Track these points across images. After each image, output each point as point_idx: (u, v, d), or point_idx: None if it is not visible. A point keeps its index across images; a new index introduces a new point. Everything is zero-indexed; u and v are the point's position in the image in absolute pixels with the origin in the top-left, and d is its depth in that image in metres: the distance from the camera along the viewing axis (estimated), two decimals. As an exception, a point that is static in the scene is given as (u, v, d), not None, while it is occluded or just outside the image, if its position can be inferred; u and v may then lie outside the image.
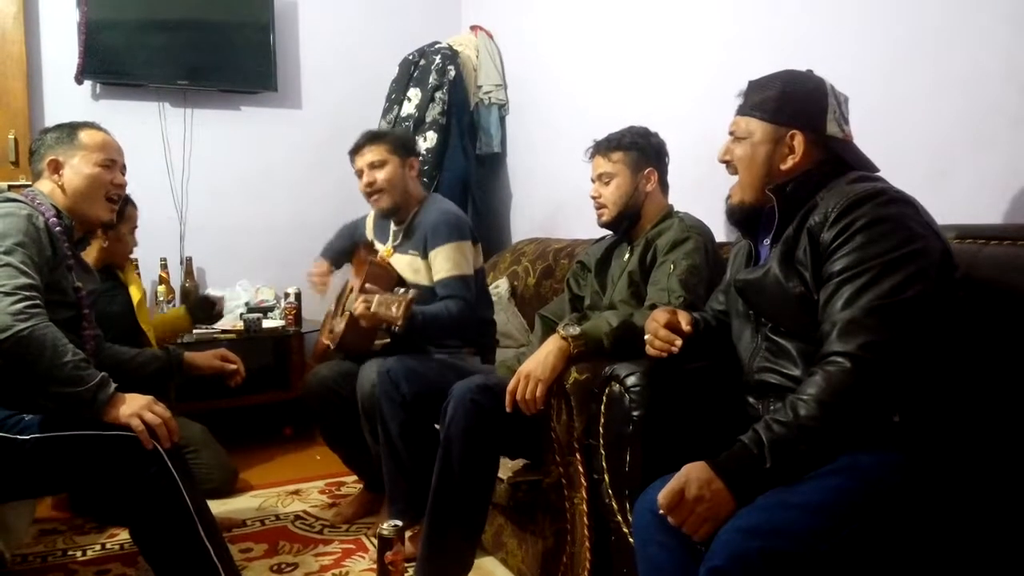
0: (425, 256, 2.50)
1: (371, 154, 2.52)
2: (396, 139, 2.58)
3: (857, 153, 1.48)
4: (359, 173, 2.55)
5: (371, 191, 2.53)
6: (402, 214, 2.60)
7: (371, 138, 2.56)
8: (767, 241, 1.51)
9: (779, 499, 1.22)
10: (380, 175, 2.51)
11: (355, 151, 2.57)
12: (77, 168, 1.89)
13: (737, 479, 1.27)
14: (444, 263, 2.46)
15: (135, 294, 2.75)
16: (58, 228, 1.82)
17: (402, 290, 2.30)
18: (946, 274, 1.32)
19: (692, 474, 1.29)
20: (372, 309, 2.19)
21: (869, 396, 1.26)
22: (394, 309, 2.16)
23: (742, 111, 1.53)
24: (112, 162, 1.94)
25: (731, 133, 1.54)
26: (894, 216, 1.32)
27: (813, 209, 1.39)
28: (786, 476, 1.25)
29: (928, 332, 1.28)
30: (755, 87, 1.52)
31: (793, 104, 1.46)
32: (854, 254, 1.30)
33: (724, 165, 1.56)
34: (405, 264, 2.54)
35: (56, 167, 1.89)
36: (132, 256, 2.90)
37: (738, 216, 1.55)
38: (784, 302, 1.41)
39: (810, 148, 1.45)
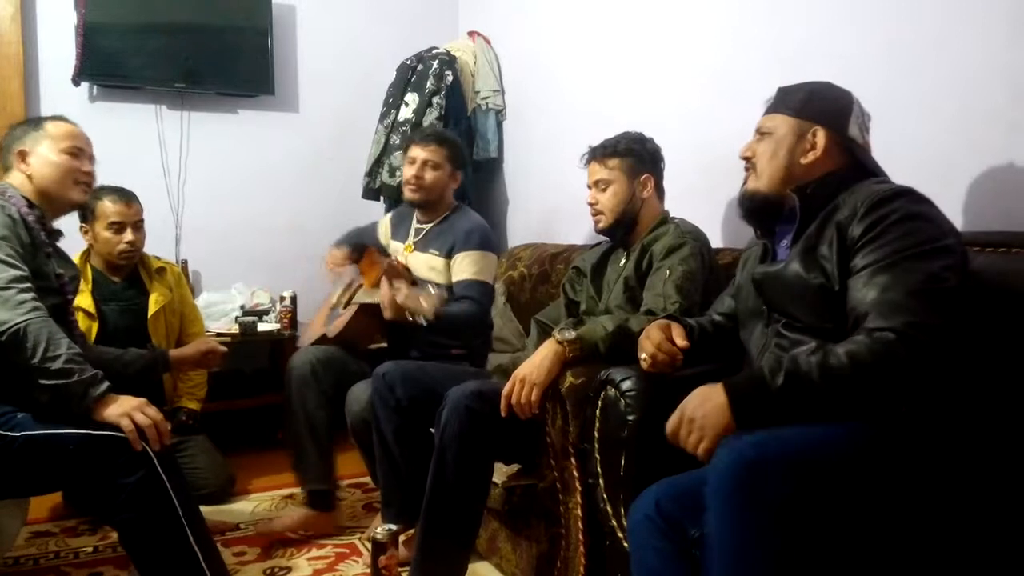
0: (448, 256, 2.55)
1: (433, 153, 2.60)
2: (457, 150, 2.67)
3: (875, 162, 1.52)
4: (411, 160, 2.61)
5: (414, 183, 2.60)
6: (430, 215, 2.67)
7: (440, 139, 2.66)
8: (785, 242, 1.53)
9: (779, 429, 1.22)
10: (429, 175, 2.60)
11: (420, 140, 2.64)
12: (44, 156, 1.90)
13: (740, 395, 1.27)
14: (471, 266, 2.52)
15: (154, 303, 2.73)
16: (31, 217, 1.83)
17: (430, 286, 2.32)
18: (965, 279, 1.33)
19: (696, 391, 1.30)
20: (400, 300, 2.20)
21: (905, 371, 1.24)
22: (423, 302, 2.19)
23: (770, 110, 1.57)
24: (79, 150, 1.95)
25: (757, 130, 1.57)
26: (926, 213, 1.34)
27: (836, 209, 1.41)
28: (790, 410, 1.24)
29: (954, 326, 1.27)
30: (784, 90, 1.57)
31: (819, 103, 1.51)
32: (889, 246, 1.31)
33: (744, 162, 1.59)
34: (422, 262, 2.58)
35: (24, 156, 1.91)
36: (168, 260, 2.93)
37: (748, 205, 1.56)
38: (803, 292, 1.42)
39: (831, 148, 1.49)
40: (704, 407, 1.29)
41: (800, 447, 1.18)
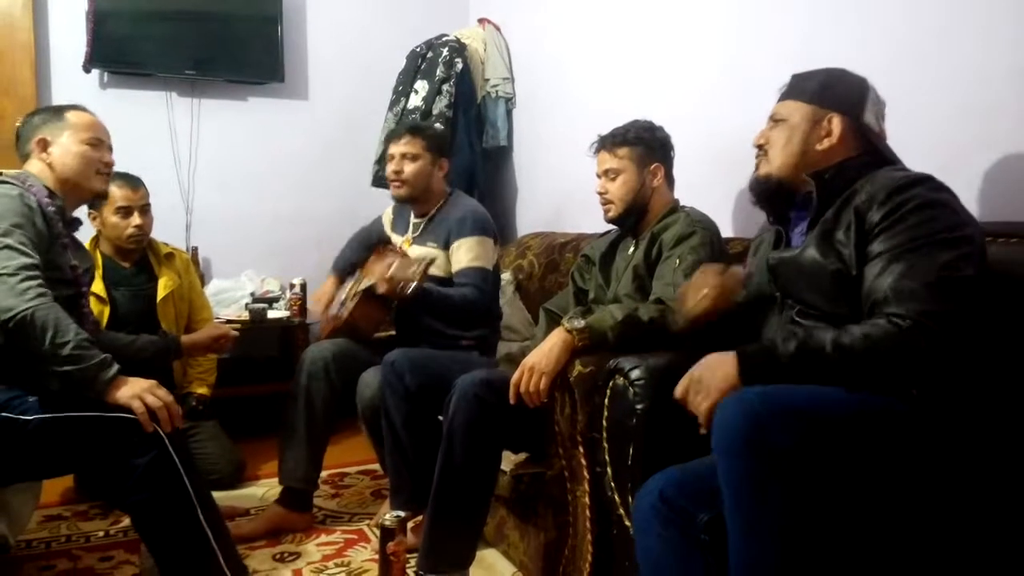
0: (445, 248, 2.54)
1: (407, 145, 2.57)
2: (434, 138, 2.63)
3: (891, 149, 1.51)
4: (391, 157, 2.61)
5: (395, 179, 2.59)
6: (424, 207, 2.65)
7: (412, 129, 2.63)
8: (800, 228, 1.52)
9: (787, 386, 1.23)
10: (409, 167, 2.57)
11: (394, 136, 2.63)
12: (66, 146, 1.91)
13: (750, 360, 1.29)
14: (466, 254, 2.50)
15: (163, 288, 2.75)
16: (51, 208, 1.83)
17: (421, 257, 2.32)
18: (984, 267, 1.33)
19: (707, 356, 1.32)
20: (390, 273, 2.20)
21: (919, 358, 1.25)
22: (411, 271, 2.19)
23: (784, 96, 1.56)
24: (99, 140, 1.95)
25: (771, 118, 1.56)
26: (945, 201, 1.34)
27: (853, 195, 1.41)
28: (799, 380, 1.25)
29: (972, 314, 1.28)
30: (799, 76, 1.56)
31: (834, 90, 1.51)
32: (907, 233, 1.31)
33: (756, 149, 1.59)
34: (421, 255, 2.54)
35: (44, 145, 1.91)
36: (177, 247, 2.95)
37: (759, 190, 1.56)
38: (819, 278, 1.42)
39: (847, 135, 1.48)
40: (712, 369, 1.30)
41: (806, 402, 1.19)
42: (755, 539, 1.15)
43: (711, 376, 1.31)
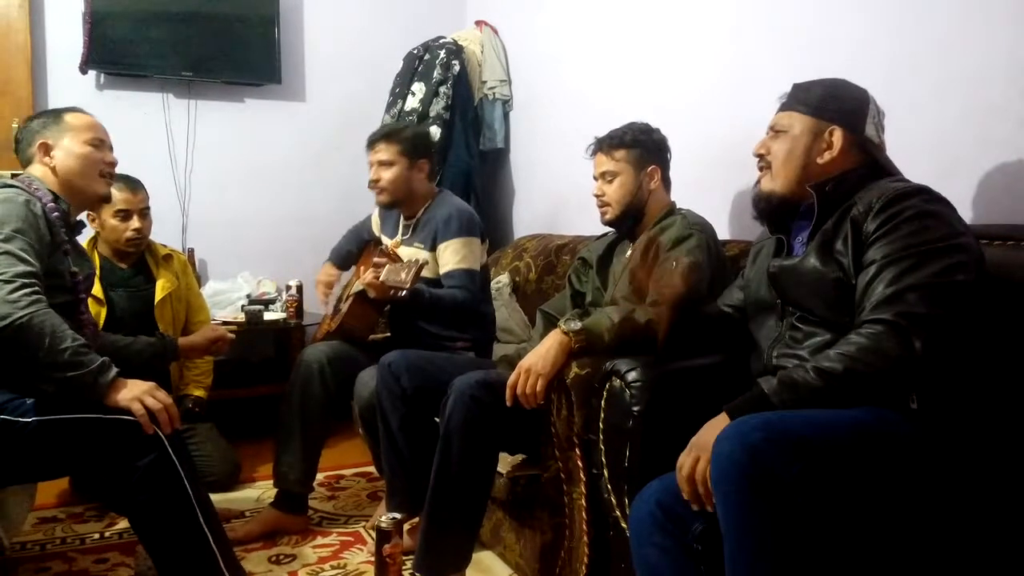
0: (432, 249, 2.53)
1: (382, 152, 2.57)
2: (409, 140, 2.59)
3: (890, 160, 1.51)
4: (369, 165, 2.61)
5: (374, 187, 2.60)
6: (410, 210, 2.65)
7: (386, 135, 2.60)
8: (802, 237, 1.53)
9: (784, 412, 1.23)
10: (385, 174, 2.56)
11: (370, 144, 2.62)
12: (68, 148, 1.90)
13: (738, 409, 1.29)
14: (453, 256, 2.50)
15: (160, 289, 2.74)
16: (55, 213, 1.83)
17: (412, 260, 2.32)
18: (981, 276, 1.34)
19: (701, 428, 1.31)
20: (382, 278, 2.21)
21: (896, 361, 1.25)
22: (403, 275, 2.19)
23: (785, 107, 1.56)
24: (100, 141, 1.95)
25: (771, 128, 1.56)
26: (939, 212, 1.35)
27: (852, 206, 1.41)
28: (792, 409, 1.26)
29: (964, 322, 1.28)
30: (800, 87, 1.56)
31: (835, 102, 1.51)
32: (899, 242, 1.32)
33: (757, 159, 1.59)
34: (410, 256, 2.54)
35: (47, 149, 1.90)
36: (175, 248, 2.96)
37: (763, 206, 1.57)
38: (819, 286, 1.42)
39: (848, 147, 1.49)
40: (707, 434, 1.28)
41: (807, 427, 1.18)
42: (756, 568, 1.13)
43: (707, 440, 1.27)
